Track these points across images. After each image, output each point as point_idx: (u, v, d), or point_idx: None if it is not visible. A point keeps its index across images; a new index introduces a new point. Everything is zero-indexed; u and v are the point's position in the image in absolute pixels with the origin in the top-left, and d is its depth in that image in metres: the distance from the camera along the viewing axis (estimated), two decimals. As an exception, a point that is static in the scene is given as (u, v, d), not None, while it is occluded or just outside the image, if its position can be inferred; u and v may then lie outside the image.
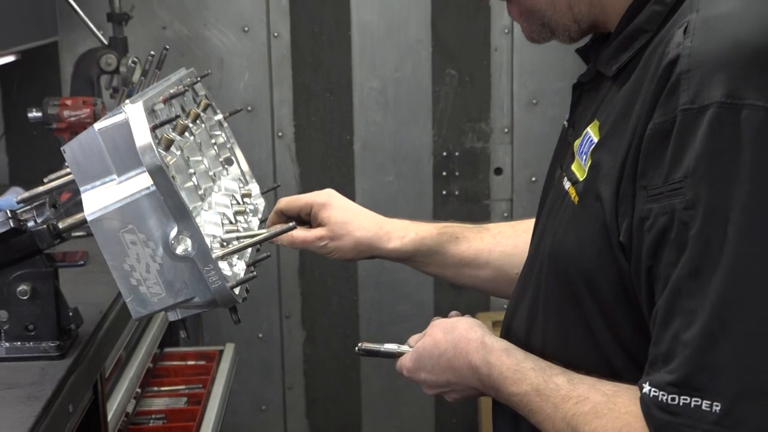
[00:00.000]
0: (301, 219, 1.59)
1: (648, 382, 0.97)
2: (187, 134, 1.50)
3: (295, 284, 3.31)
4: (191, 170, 1.47)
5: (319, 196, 1.58)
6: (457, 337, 1.26)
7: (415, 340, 1.35)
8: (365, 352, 1.45)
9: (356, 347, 1.46)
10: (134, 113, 1.28)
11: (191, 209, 1.34)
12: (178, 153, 1.43)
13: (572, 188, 1.12)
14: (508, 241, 1.53)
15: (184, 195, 1.32)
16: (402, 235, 1.54)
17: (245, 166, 1.73)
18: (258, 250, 1.53)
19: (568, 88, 1.29)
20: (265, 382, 3.35)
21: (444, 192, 3.24)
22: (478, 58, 3.17)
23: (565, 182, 1.15)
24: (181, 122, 1.44)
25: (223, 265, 1.36)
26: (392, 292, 3.29)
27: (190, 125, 1.53)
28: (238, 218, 1.55)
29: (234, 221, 1.53)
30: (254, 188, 1.71)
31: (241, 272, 1.42)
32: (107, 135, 1.29)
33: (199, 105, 1.64)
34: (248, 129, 3.16)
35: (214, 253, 1.32)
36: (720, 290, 0.93)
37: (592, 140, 1.10)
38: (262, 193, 1.72)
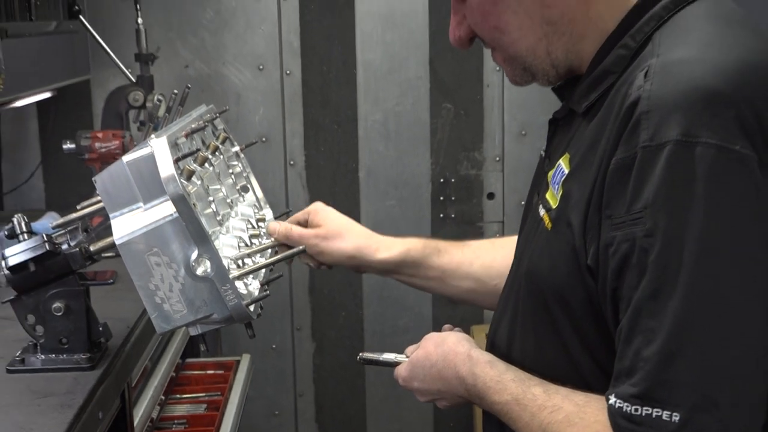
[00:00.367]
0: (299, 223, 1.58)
1: (614, 395, 0.98)
2: (206, 165, 1.51)
3: (306, 300, 3.30)
4: (210, 198, 1.48)
5: (314, 205, 1.58)
6: (447, 350, 1.26)
7: (411, 350, 1.35)
8: (365, 361, 1.45)
9: (358, 357, 1.46)
10: (159, 147, 1.29)
11: (210, 234, 1.34)
12: (199, 182, 1.43)
13: (546, 215, 1.12)
14: (487, 254, 1.52)
15: (203, 221, 1.33)
16: (389, 247, 1.53)
17: (260, 193, 1.73)
18: (271, 271, 1.53)
19: (552, 121, 1.29)
20: (278, 389, 3.33)
21: (441, 215, 3.24)
22: (471, 93, 3.17)
23: (540, 209, 1.15)
24: (202, 154, 1.45)
25: (240, 285, 1.37)
26: (394, 307, 3.28)
27: (210, 157, 1.53)
28: (253, 241, 1.56)
29: (249, 244, 1.53)
30: (268, 213, 1.72)
31: (255, 291, 1.42)
32: (134, 167, 1.29)
33: (218, 138, 1.64)
34: (263, 158, 3.16)
35: (231, 273, 1.33)
36: (677, 311, 0.93)
37: (563, 171, 1.10)
38: (275, 218, 1.72)
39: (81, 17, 2.68)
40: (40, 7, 2.43)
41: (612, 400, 0.98)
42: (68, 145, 2.38)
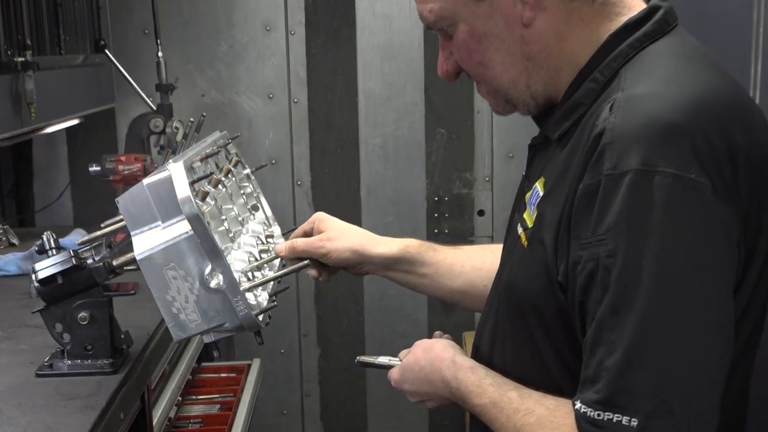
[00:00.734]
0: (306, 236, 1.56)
1: (579, 400, 0.98)
2: (220, 186, 1.50)
3: (312, 308, 3.30)
4: (223, 216, 1.47)
5: (317, 216, 1.56)
6: (434, 356, 1.25)
7: (403, 354, 1.35)
8: (362, 364, 1.44)
9: (355, 360, 1.46)
10: (176, 171, 1.29)
11: (223, 249, 1.34)
12: (212, 202, 1.43)
13: (523, 233, 1.12)
14: (478, 258, 1.50)
15: (217, 238, 1.33)
16: (389, 243, 1.50)
17: (269, 212, 1.73)
18: (279, 283, 1.53)
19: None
20: (287, 390, 3.33)
21: (436, 230, 3.24)
22: (463, 119, 3.18)
23: (518, 227, 1.15)
24: (215, 177, 1.45)
25: (249, 296, 1.36)
26: (392, 314, 3.28)
27: (223, 179, 1.53)
28: (262, 255, 1.55)
29: (259, 258, 1.53)
30: (276, 230, 1.71)
31: (264, 302, 1.42)
32: (153, 189, 1.29)
33: (230, 161, 1.64)
34: (272, 179, 3.16)
35: (241, 286, 1.32)
36: (635, 325, 0.93)
37: (539, 194, 1.10)
38: (283, 234, 1.72)
39: (106, 51, 2.70)
40: (68, 42, 2.45)
41: (578, 405, 0.98)
42: (94, 168, 2.38)
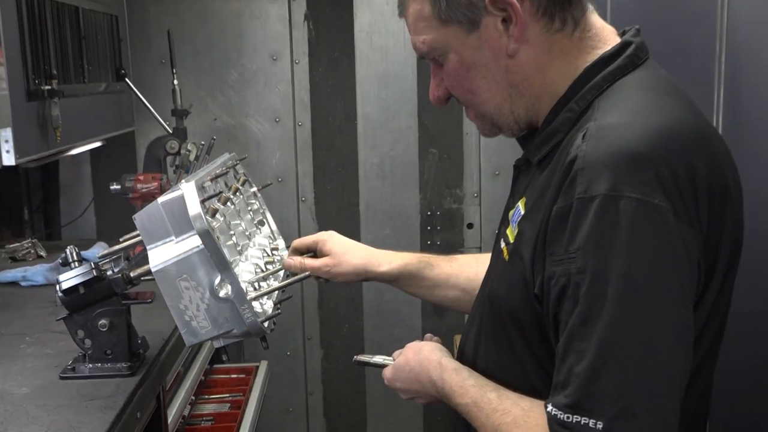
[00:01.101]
0: (310, 252, 1.56)
1: (551, 403, 0.97)
2: (229, 204, 1.50)
3: (315, 314, 3.29)
4: (231, 231, 1.47)
5: (322, 235, 1.55)
6: (422, 358, 1.25)
7: (397, 354, 1.34)
8: (359, 363, 1.44)
9: (353, 359, 1.45)
10: (188, 190, 1.29)
11: (231, 262, 1.34)
12: (222, 218, 1.43)
13: (505, 248, 1.12)
14: (471, 269, 1.50)
15: (225, 251, 1.32)
16: (389, 261, 1.51)
17: (274, 226, 1.72)
18: (283, 292, 1.52)
19: (521, 164, 1.27)
20: (292, 389, 3.31)
21: (429, 242, 3.23)
22: (453, 140, 3.18)
23: (501, 242, 1.15)
24: (224, 195, 1.45)
25: (256, 305, 1.36)
26: (389, 319, 3.27)
27: (232, 197, 1.53)
28: (268, 267, 1.55)
29: (264, 269, 1.53)
30: (281, 243, 1.71)
31: (269, 310, 1.41)
32: (167, 206, 1.29)
33: (238, 180, 1.64)
34: (279, 195, 3.16)
35: (248, 295, 1.32)
36: (602, 336, 0.93)
37: (520, 212, 1.10)
38: (287, 246, 1.72)
39: (126, 79, 2.70)
40: (92, 71, 2.45)
41: (549, 407, 0.97)
42: (115, 186, 2.37)
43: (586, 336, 0.94)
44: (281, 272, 1.58)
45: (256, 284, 1.45)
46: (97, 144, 2.61)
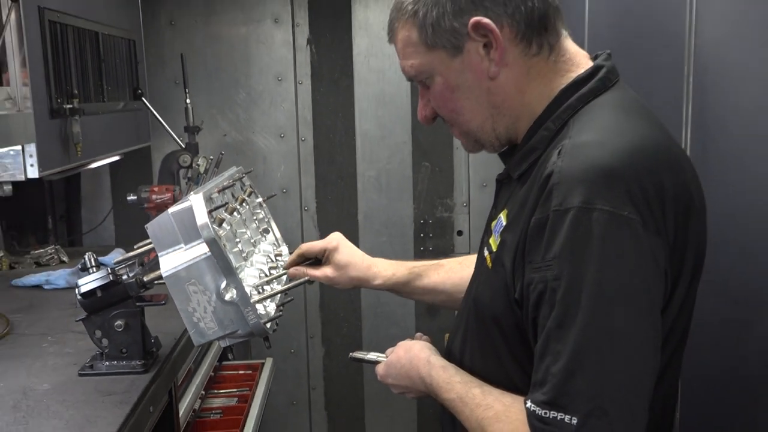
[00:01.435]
0: (316, 257, 1.55)
1: (530, 400, 0.97)
2: (235, 214, 1.50)
3: (317, 315, 3.28)
4: (237, 239, 1.47)
5: (330, 242, 1.53)
6: (412, 355, 1.25)
7: (389, 352, 1.34)
8: (354, 359, 1.44)
9: (348, 356, 1.45)
10: (196, 201, 1.29)
11: (236, 268, 1.34)
12: (228, 227, 1.42)
13: (488, 256, 1.12)
14: (456, 274, 1.50)
15: (231, 258, 1.32)
16: (384, 276, 1.51)
17: (278, 234, 1.72)
18: (286, 295, 1.51)
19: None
20: (295, 384, 3.30)
21: (422, 248, 3.23)
22: (444, 154, 3.18)
23: (485, 250, 1.15)
24: (231, 206, 1.44)
25: (259, 307, 1.36)
26: (386, 320, 3.26)
27: (238, 207, 1.52)
28: (272, 272, 1.54)
29: (268, 274, 1.52)
30: (284, 249, 1.71)
31: (272, 312, 1.41)
32: (177, 216, 1.29)
33: (245, 192, 1.64)
34: (284, 205, 3.16)
35: (252, 298, 1.32)
36: (576, 339, 0.92)
37: (502, 223, 1.10)
38: (290, 253, 1.71)
39: (143, 98, 2.70)
40: (110, 91, 2.45)
41: (528, 404, 0.97)
42: (131, 197, 2.38)
43: (562, 338, 0.93)
44: (284, 277, 1.58)
45: (260, 288, 1.44)
46: (116, 158, 2.61)
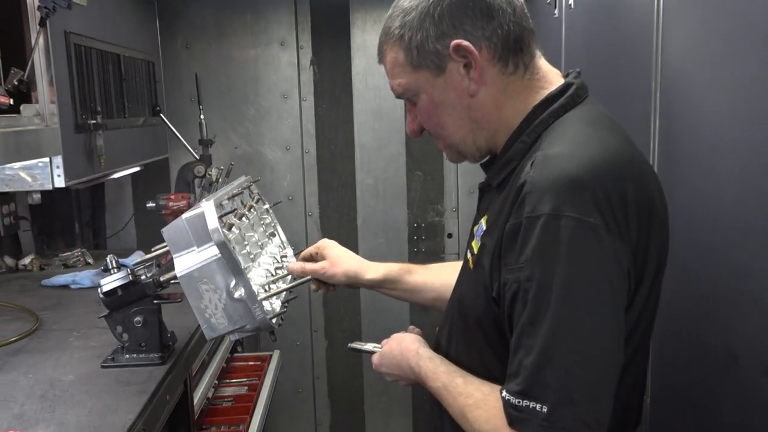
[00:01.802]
0: (312, 258, 1.55)
1: (505, 390, 0.97)
2: (244, 219, 1.50)
3: (321, 311, 3.28)
4: (245, 242, 1.47)
5: (323, 243, 1.54)
6: (403, 347, 1.25)
7: (384, 342, 1.34)
8: (352, 349, 1.44)
9: (347, 345, 1.44)
10: (207, 208, 1.28)
11: (245, 268, 1.33)
12: (237, 231, 1.42)
13: (471, 258, 1.11)
14: (445, 275, 1.48)
15: (240, 259, 1.32)
16: (375, 270, 1.49)
17: (284, 237, 1.72)
18: (290, 293, 1.51)
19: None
20: (301, 374, 3.29)
21: (415, 249, 3.23)
22: (435, 164, 3.18)
23: (468, 253, 1.14)
24: (240, 212, 1.44)
25: (266, 304, 1.35)
26: (383, 315, 3.25)
27: (246, 213, 1.52)
28: (277, 271, 1.54)
29: (274, 274, 1.52)
30: (289, 251, 1.70)
31: (277, 308, 1.41)
32: (190, 222, 1.29)
33: (253, 199, 1.64)
34: (289, 211, 3.15)
35: (259, 296, 1.32)
36: (546, 335, 0.92)
37: (482, 228, 1.09)
38: (295, 255, 1.71)
39: (161, 115, 2.70)
40: (131, 107, 2.45)
41: (504, 393, 0.97)
42: (150, 204, 2.37)
43: (534, 334, 0.93)
44: (288, 276, 1.57)
45: (266, 287, 1.44)
46: (136, 168, 2.61)
